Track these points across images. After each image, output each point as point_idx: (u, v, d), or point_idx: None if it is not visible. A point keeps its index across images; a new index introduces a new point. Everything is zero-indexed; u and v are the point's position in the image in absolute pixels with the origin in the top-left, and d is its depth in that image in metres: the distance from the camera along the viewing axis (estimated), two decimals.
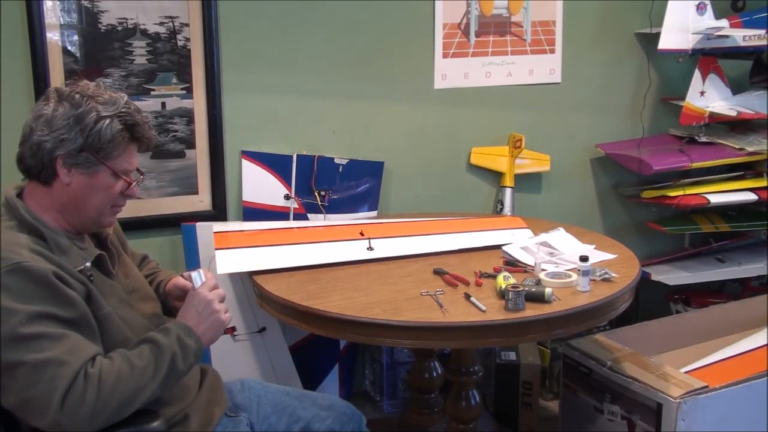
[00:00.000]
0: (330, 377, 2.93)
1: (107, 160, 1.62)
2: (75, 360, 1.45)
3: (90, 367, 1.46)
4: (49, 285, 1.48)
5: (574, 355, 2.63)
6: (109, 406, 1.46)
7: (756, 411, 2.49)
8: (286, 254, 2.38)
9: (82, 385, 1.43)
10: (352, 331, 2.03)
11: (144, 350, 1.55)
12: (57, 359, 1.44)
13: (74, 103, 1.59)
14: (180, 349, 1.58)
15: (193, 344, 1.61)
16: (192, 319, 1.65)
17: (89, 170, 1.61)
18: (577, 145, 3.31)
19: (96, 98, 1.61)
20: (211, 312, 1.67)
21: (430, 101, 3.02)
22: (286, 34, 2.76)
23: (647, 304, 3.28)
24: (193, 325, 1.64)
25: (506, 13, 3.07)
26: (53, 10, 2.43)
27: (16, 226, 1.59)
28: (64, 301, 1.50)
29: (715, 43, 3.07)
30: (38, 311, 1.46)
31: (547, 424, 2.94)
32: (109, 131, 1.59)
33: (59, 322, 1.48)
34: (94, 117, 1.58)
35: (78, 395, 1.43)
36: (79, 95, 1.60)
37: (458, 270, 2.28)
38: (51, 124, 1.58)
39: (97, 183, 1.63)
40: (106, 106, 1.60)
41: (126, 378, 1.49)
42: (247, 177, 2.76)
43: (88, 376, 1.45)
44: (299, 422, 1.91)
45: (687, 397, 2.31)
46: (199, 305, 1.67)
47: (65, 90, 1.62)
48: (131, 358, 1.52)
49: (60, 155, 1.58)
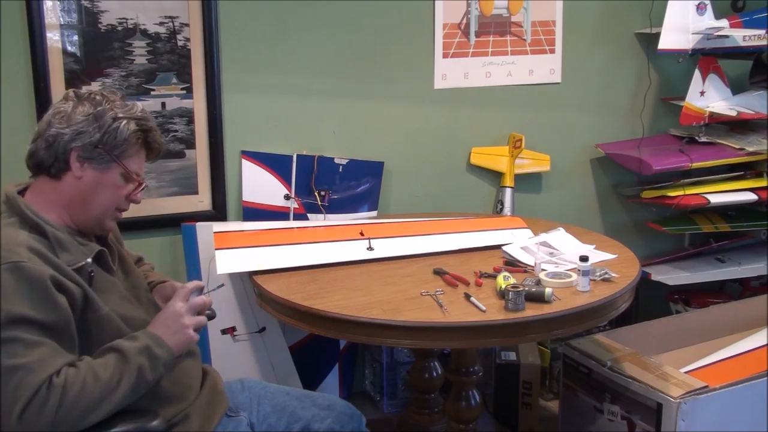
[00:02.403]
0: (330, 377, 2.93)
1: (120, 158, 1.66)
2: (43, 370, 1.45)
3: (56, 377, 1.46)
4: (41, 289, 1.49)
5: (574, 355, 2.63)
6: (70, 417, 1.46)
7: (756, 411, 2.49)
8: (286, 254, 2.38)
9: (44, 396, 1.44)
10: (352, 331, 2.03)
11: (110, 360, 1.54)
12: (26, 367, 1.44)
13: (94, 103, 1.66)
14: (148, 361, 1.57)
15: (164, 354, 1.60)
16: (160, 329, 1.64)
17: (101, 166, 1.65)
18: (577, 145, 3.31)
19: (114, 101, 1.68)
20: (179, 327, 1.65)
21: (430, 101, 3.02)
22: (286, 34, 2.76)
23: (647, 304, 3.28)
24: (162, 335, 1.63)
25: (506, 13, 3.07)
26: (53, 10, 2.43)
27: (17, 222, 1.60)
28: (50, 308, 1.49)
29: (715, 43, 3.07)
30: (20, 315, 1.46)
31: (547, 424, 2.94)
32: (126, 131, 1.66)
33: (38, 328, 1.48)
34: (113, 116, 1.65)
35: (39, 406, 1.43)
36: (100, 96, 1.68)
37: (458, 270, 2.28)
38: (70, 118, 1.64)
39: (106, 180, 1.66)
40: (123, 108, 1.68)
41: (89, 389, 1.48)
42: (247, 177, 2.76)
43: (52, 386, 1.45)
44: (299, 422, 1.91)
45: (687, 397, 2.31)
46: (167, 318, 1.66)
47: (84, 92, 1.70)
48: (96, 369, 1.51)
49: (75, 147, 1.62)
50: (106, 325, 1.60)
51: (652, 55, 3.25)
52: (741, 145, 3.19)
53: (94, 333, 1.59)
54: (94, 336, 1.59)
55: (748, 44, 3.08)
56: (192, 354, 1.81)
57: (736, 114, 3.14)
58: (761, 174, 3.22)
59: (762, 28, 3.07)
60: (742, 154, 3.16)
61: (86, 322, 1.58)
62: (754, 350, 2.69)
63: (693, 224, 3.30)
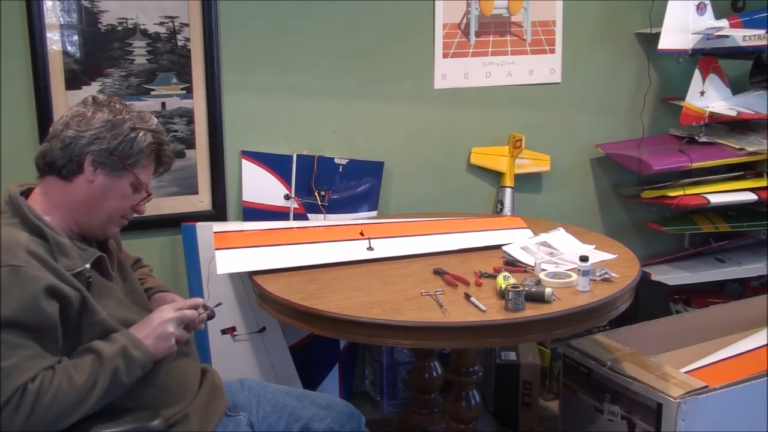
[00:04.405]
0: (330, 377, 2.93)
1: (133, 167, 1.69)
2: (20, 375, 1.46)
3: (31, 383, 1.47)
4: (32, 295, 1.48)
5: (574, 355, 2.63)
6: (43, 422, 1.47)
7: (756, 411, 2.49)
8: (286, 254, 2.38)
9: (17, 401, 1.45)
10: (352, 331, 2.03)
11: (86, 363, 1.54)
12: (4, 371, 1.45)
13: (113, 111, 1.69)
14: (124, 362, 1.57)
15: (141, 356, 1.60)
16: (144, 330, 1.65)
17: (114, 173, 1.67)
18: (577, 145, 3.31)
19: (132, 112, 1.71)
20: (163, 333, 1.66)
21: (430, 101, 3.02)
22: (286, 34, 2.76)
23: (647, 304, 3.28)
24: (143, 337, 1.63)
25: (506, 13, 3.07)
26: (53, 10, 2.43)
27: (18, 224, 1.60)
28: (38, 315, 1.49)
29: (715, 43, 3.07)
30: (6, 318, 1.46)
31: (547, 424, 2.94)
32: (142, 141, 1.69)
33: (22, 330, 1.48)
34: (131, 125, 1.69)
35: (11, 411, 1.45)
36: (119, 105, 1.72)
37: (458, 270, 2.28)
38: (90, 123, 1.66)
39: (116, 187, 1.69)
40: (141, 120, 1.71)
41: (63, 395, 1.49)
42: (247, 177, 2.76)
43: (26, 392, 1.46)
44: (298, 421, 1.91)
45: (687, 397, 2.31)
46: (154, 321, 1.68)
47: (103, 99, 1.72)
48: (72, 374, 1.52)
49: (91, 152, 1.64)
50: (99, 331, 1.60)
51: (652, 55, 3.25)
52: (741, 145, 3.19)
53: (86, 338, 1.59)
54: (85, 341, 1.59)
55: (748, 44, 3.08)
56: (187, 354, 1.80)
57: (736, 114, 3.14)
58: (761, 174, 3.22)
59: (762, 28, 3.07)
60: (742, 154, 3.16)
61: (81, 326, 1.59)
62: (754, 350, 2.69)
63: (693, 224, 3.30)
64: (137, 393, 1.64)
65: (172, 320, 1.69)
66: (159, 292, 1.93)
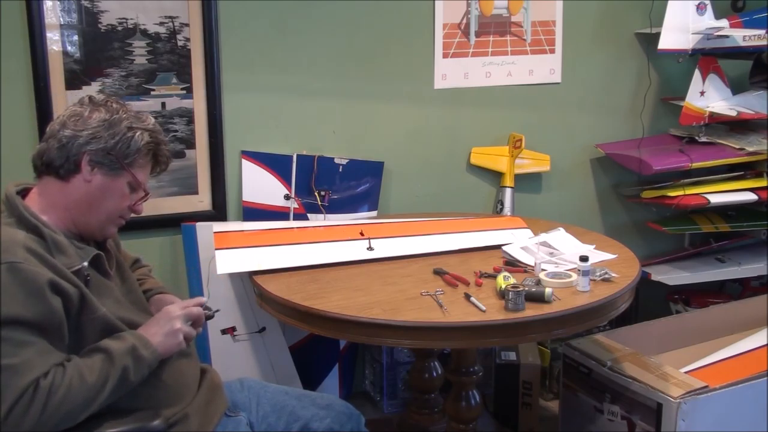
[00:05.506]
0: (330, 377, 2.93)
1: (131, 167, 1.68)
2: (30, 372, 1.46)
3: (43, 379, 1.47)
4: (35, 291, 1.49)
5: (574, 355, 2.63)
6: (53, 418, 1.48)
7: (756, 411, 2.49)
8: (286, 254, 2.38)
9: (30, 399, 1.45)
10: (352, 331, 2.03)
11: (96, 362, 1.55)
12: (13, 368, 1.45)
13: (110, 110, 1.69)
14: (133, 362, 1.58)
15: (149, 356, 1.62)
16: (151, 328, 1.67)
17: (111, 173, 1.67)
18: (577, 145, 3.31)
19: (129, 111, 1.71)
20: (170, 330, 1.68)
21: (430, 101, 3.02)
22: (286, 34, 2.76)
23: (647, 304, 3.28)
24: (152, 335, 1.64)
25: (506, 13, 3.07)
26: (53, 10, 2.43)
27: (15, 223, 1.60)
28: (43, 310, 1.49)
29: (715, 43, 3.07)
30: (11, 316, 1.46)
31: (547, 424, 2.94)
32: (140, 141, 1.68)
33: (29, 328, 1.48)
34: (128, 125, 1.68)
35: (23, 408, 1.45)
36: (116, 104, 1.71)
37: (458, 270, 2.28)
38: (86, 122, 1.66)
39: (114, 187, 1.68)
40: (138, 120, 1.71)
41: (75, 392, 1.50)
42: (247, 177, 2.76)
43: (38, 389, 1.46)
44: (298, 421, 1.91)
45: (687, 397, 2.31)
46: (161, 319, 1.70)
47: (100, 98, 1.72)
48: (83, 371, 1.52)
49: (88, 151, 1.64)
50: (100, 327, 1.60)
51: (652, 55, 3.25)
52: (741, 145, 3.19)
53: (88, 334, 1.59)
54: (88, 337, 1.59)
55: (748, 44, 3.08)
56: (185, 354, 1.80)
57: (736, 114, 3.14)
58: (761, 174, 3.22)
59: (762, 28, 3.07)
60: (742, 154, 3.16)
61: (81, 323, 1.59)
62: (754, 350, 2.69)
63: (693, 224, 3.30)
64: (137, 393, 1.63)
65: (179, 317, 1.70)
66: (158, 293, 1.93)
